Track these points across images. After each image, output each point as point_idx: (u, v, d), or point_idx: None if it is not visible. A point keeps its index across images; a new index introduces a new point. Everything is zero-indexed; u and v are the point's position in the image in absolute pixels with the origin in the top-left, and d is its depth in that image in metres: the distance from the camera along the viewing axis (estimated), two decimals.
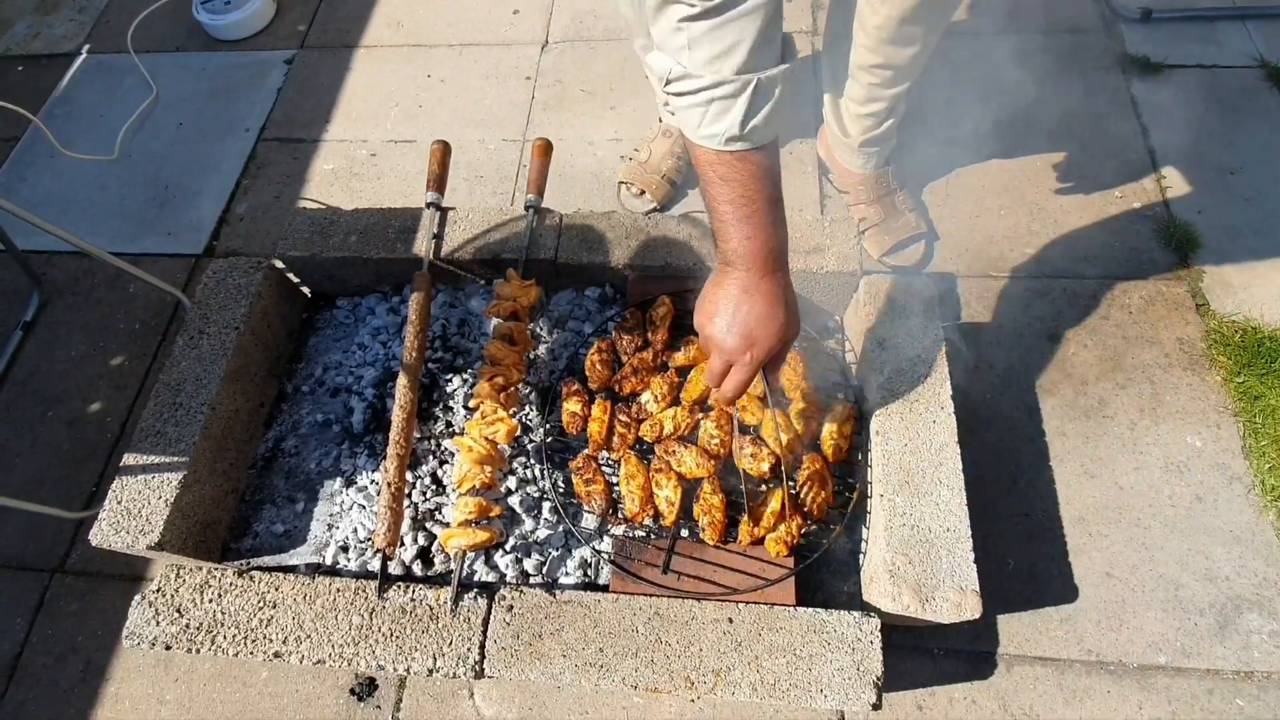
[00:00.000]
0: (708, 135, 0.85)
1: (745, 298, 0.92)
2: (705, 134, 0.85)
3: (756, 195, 0.87)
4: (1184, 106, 1.93)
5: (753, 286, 0.91)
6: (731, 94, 0.82)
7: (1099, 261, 1.72)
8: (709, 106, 0.83)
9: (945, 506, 1.13)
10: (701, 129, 0.85)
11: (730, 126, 0.83)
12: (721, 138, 0.84)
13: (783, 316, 0.93)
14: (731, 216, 0.89)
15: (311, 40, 2.39)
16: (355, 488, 1.34)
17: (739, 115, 0.83)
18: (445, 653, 1.10)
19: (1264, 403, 1.49)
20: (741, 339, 0.93)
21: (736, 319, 0.93)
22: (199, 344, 1.37)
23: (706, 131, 0.85)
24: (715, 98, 0.83)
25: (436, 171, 1.52)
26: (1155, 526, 1.41)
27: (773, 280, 0.92)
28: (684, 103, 0.86)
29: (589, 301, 1.52)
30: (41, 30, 2.52)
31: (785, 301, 0.93)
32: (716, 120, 0.84)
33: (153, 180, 2.10)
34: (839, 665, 1.06)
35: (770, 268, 0.91)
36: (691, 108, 0.85)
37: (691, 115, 0.85)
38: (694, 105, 0.84)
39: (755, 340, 0.93)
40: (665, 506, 1.21)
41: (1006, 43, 2.10)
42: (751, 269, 0.91)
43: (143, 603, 1.17)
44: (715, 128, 0.84)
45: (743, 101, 0.82)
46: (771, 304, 0.92)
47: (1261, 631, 1.30)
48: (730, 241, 0.90)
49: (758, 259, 0.90)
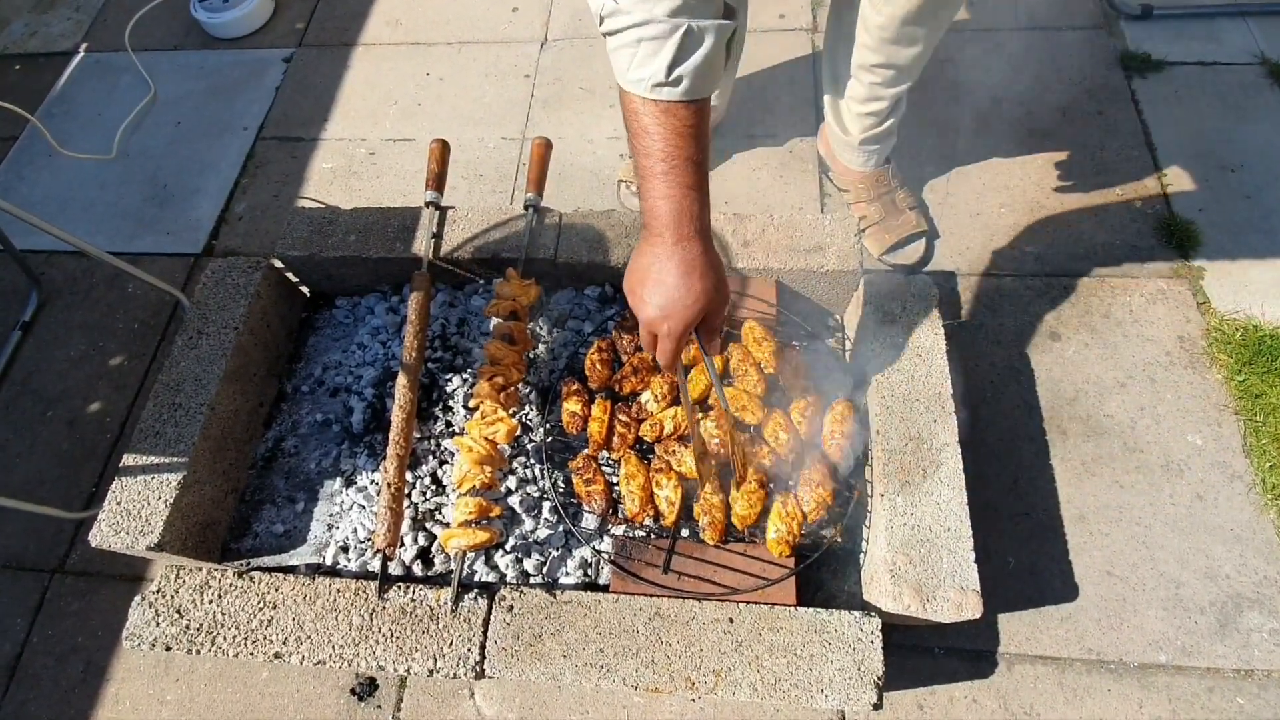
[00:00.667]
0: (634, 79, 0.84)
1: (658, 265, 0.89)
2: (632, 78, 0.84)
3: (677, 152, 0.85)
4: (1184, 104, 1.93)
5: (666, 254, 0.88)
6: (659, 35, 0.81)
7: (1100, 259, 1.72)
8: (637, 47, 0.83)
9: (946, 506, 1.13)
10: (629, 72, 0.84)
11: (656, 71, 0.82)
12: (648, 82, 0.83)
13: (698, 286, 0.88)
14: (650, 171, 0.86)
15: (310, 38, 2.38)
16: (355, 488, 1.34)
17: (666, 59, 0.82)
18: (446, 653, 1.10)
19: (1265, 401, 1.49)
20: (656, 309, 0.90)
21: (651, 289, 0.90)
22: (198, 344, 1.36)
23: (633, 75, 0.84)
24: (643, 38, 0.82)
25: (435, 170, 1.51)
26: (1156, 525, 1.41)
27: (686, 246, 0.88)
28: (615, 42, 0.85)
29: (589, 301, 1.52)
30: (39, 29, 2.51)
31: (700, 269, 0.89)
32: (644, 63, 0.83)
33: (151, 179, 2.10)
34: (840, 665, 1.06)
35: (685, 233, 0.87)
36: (621, 48, 0.84)
37: (621, 57, 0.85)
38: (623, 45, 0.84)
39: (670, 311, 0.90)
40: (665, 506, 1.20)
41: (1007, 40, 2.09)
42: (665, 234, 0.88)
43: (143, 604, 1.17)
44: (642, 71, 0.83)
45: (671, 45, 0.81)
46: (685, 272, 0.88)
47: (1262, 630, 1.30)
48: (648, 199, 0.88)
49: (672, 223, 0.87)
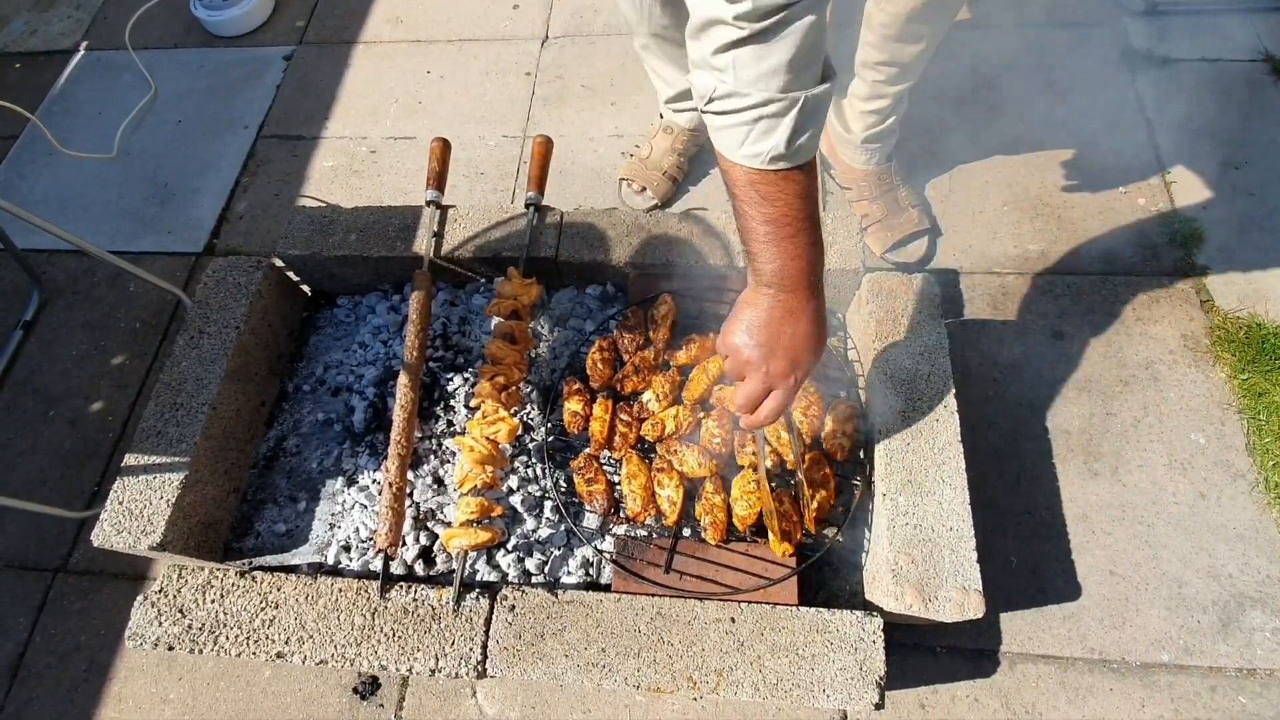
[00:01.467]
0: (751, 154, 0.82)
1: (790, 319, 0.90)
2: (748, 153, 0.82)
3: (799, 215, 0.85)
4: (1188, 101, 1.92)
5: (798, 308, 0.89)
6: (778, 113, 0.79)
7: (1103, 257, 1.71)
8: (754, 125, 0.81)
9: (948, 505, 1.12)
10: (744, 148, 0.82)
11: (776, 145, 0.81)
12: (766, 157, 0.82)
13: (823, 336, 0.92)
14: (773, 236, 0.86)
15: (310, 36, 2.37)
16: (357, 487, 1.34)
17: (785, 134, 0.80)
18: (448, 652, 1.10)
19: (1268, 399, 1.48)
20: (788, 363, 0.91)
21: (782, 341, 0.91)
22: (199, 343, 1.36)
23: (750, 150, 0.82)
24: (762, 116, 0.80)
25: (436, 169, 1.51)
26: (1158, 524, 1.40)
27: (816, 301, 0.90)
28: (726, 121, 0.82)
29: (590, 300, 1.52)
30: (39, 27, 2.51)
31: (823, 321, 0.92)
32: (762, 139, 0.81)
33: (152, 178, 2.10)
34: (841, 664, 1.05)
35: (816, 285, 0.90)
36: (735, 127, 0.82)
37: (734, 135, 0.82)
38: (738, 124, 0.81)
39: (800, 363, 0.92)
40: (667, 506, 1.20)
41: (1009, 37, 2.08)
42: (796, 290, 0.89)
43: (145, 603, 1.17)
44: (759, 146, 0.81)
45: (789, 120, 0.80)
46: (815, 325, 0.91)
47: (1264, 629, 1.30)
48: (771, 262, 0.88)
49: (801, 280, 0.88)
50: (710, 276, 1.42)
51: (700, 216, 1.46)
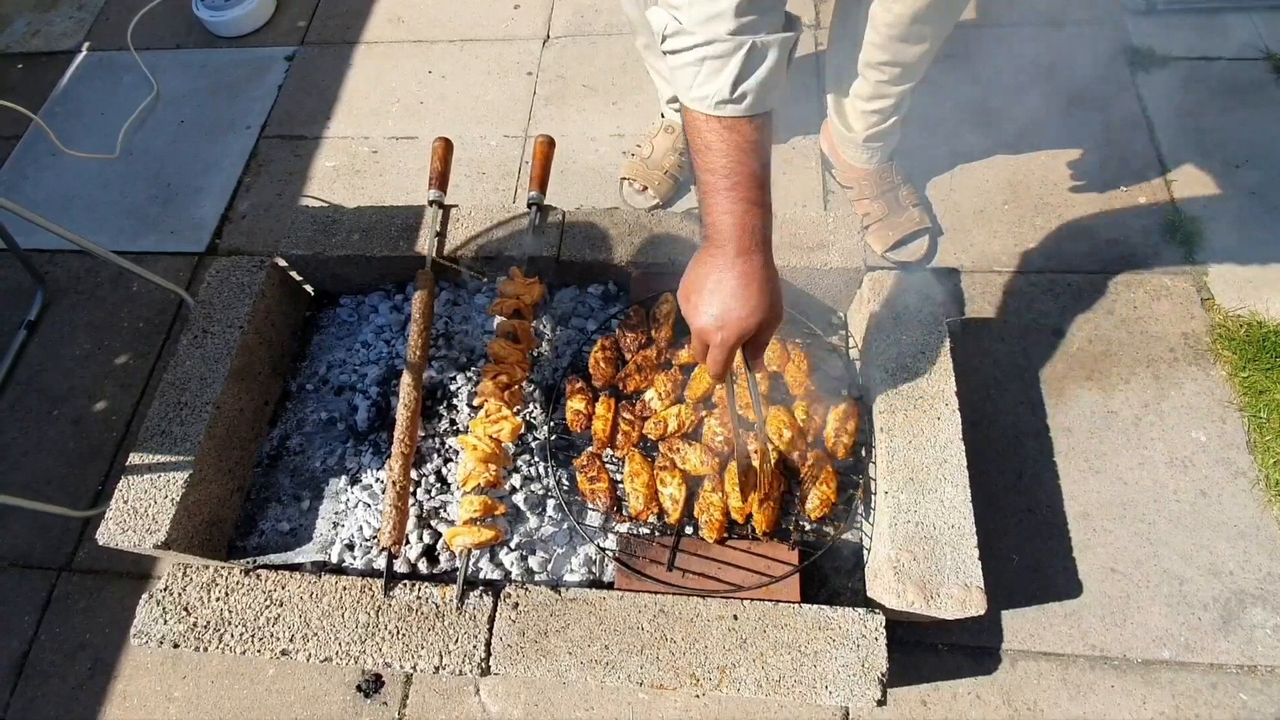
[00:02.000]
0: (698, 97, 0.84)
1: (718, 276, 0.89)
2: (696, 95, 0.84)
3: (741, 168, 0.85)
4: (1189, 99, 1.92)
5: (726, 265, 0.88)
6: (723, 54, 0.81)
7: (1103, 256, 1.71)
8: (701, 66, 0.83)
9: (950, 503, 1.13)
10: (693, 90, 0.84)
11: (720, 88, 0.82)
12: (711, 100, 0.83)
13: (755, 299, 0.89)
14: (713, 187, 0.87)
15: (312, 36, 2.38)
16: (360, 486, 1.35)
17: (730, 77, 0.82)
18: (451, 650, 1.11)
19: (1269, 397, 1.48)
20: (712, 319, 0.90)
21: (707, 298, 0.90)
22: (203, 343, 1.37)
23: (697, 93, 0.84)
24: (707, 56, 0.82)
25: (439, 168, 1.52)
26: (1159, 522, 1.41)
27: (748, 259, 0.88)
28: (678, 61, 0.85)
29: (592, 299, 1.52)
30: (41, 28, 2.51)
31: (760, 283, 0.89)
32: (708, 81, 0.83)
33: (154, 178, 2.10)
34: (844, 661, 1.06)
35: (746, 246, 0.88)
36: (685, 66, 0.84)
37: (684, 75, 0.85)
38: (687, 64, 0.84)
39: (725, 322, 0.90)
40: (670, 504, 1.21)
41: (1010, 36, 2.09)
42: (727, 246, 0.88)
43: (150, 601, 1.17)
44: (706, 89, 0.83)
45: (735, 62, 0.81)
46: (744, 284, 0.88)
47: (1265, 626, 1.30)
48: (710, 214, 0.88)
49: (734, 236, 0.87)
50: None
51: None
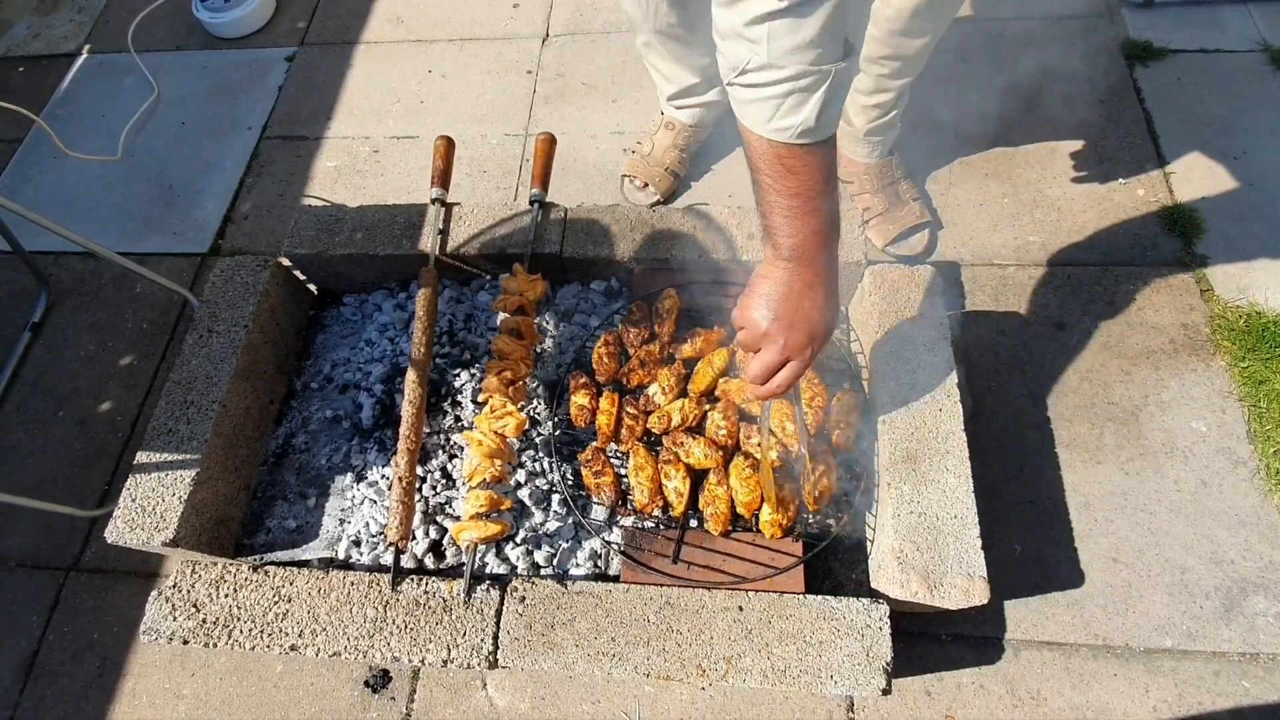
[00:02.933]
0: (780, 128, 0.83)
1: (809, 292, 0.90)
2: (777, 127, 0.83)
3: (820, 189, 0.86)
4: (1187, 91, 1.93)
5: (815, 281, 0.90)
6: (810, 87, 0.80)
7: (1103, 248, 1.72)
8: (785, 99, 0.81)
9: (952, 494, 1.14)
10: (773, 122, 0.83)
11: (806, 119, 0.81)
12: (796, 130, 0.82)
13: (836, 308, 0.93)
14: (794, 211, 0.87)
15: (312, 37, 2.38)
16: (366, 483, 1.35)
17: (815, 108, 0.81)
18: (459, 644, 1.12)
19: (1268, 387, 1.49)
20: (806, 335, 0.92)
21: (800, 314, 0.91)
22: (208, 342, 1.37)
23: (780, 124, 0.83)
24: (795, 90, 0.80)
25: (441, 167, 1.52)
26: (1161, 511, 1.41)
27: (831, 274, 0.91)
28: (756, 95, 0.83)
29: (595, 295, 1.53)
30: (41, 31, 2.52)
31: (837, 292, 0.94)
32: (792, 113, 0.81)
33: (157, 179, 2.11)
34: (848, 651, 1.07)
35: (830, 262, 0.91)
36: (766, 100, 0.82)
37: (763, 109, 0.83)
38: (770, 97, 0.82)
39: (816, 334, 0.92)
40: (674, 497, 1.22)
41: (1008, 29, 2.09)
42: (814, 263, 0.90)
43: (159, 599, 1.18)
44: (789, 120, 0.82)
45: (820, 94, 0.80)
46: (831, 297, 0.92)
47: (1267, 614, 1.31)
48: (792, 236, 0.88)
49: (819, 253, 0.89)
50: (714, 270, 1.43)
51: (703, 211, 1.47)
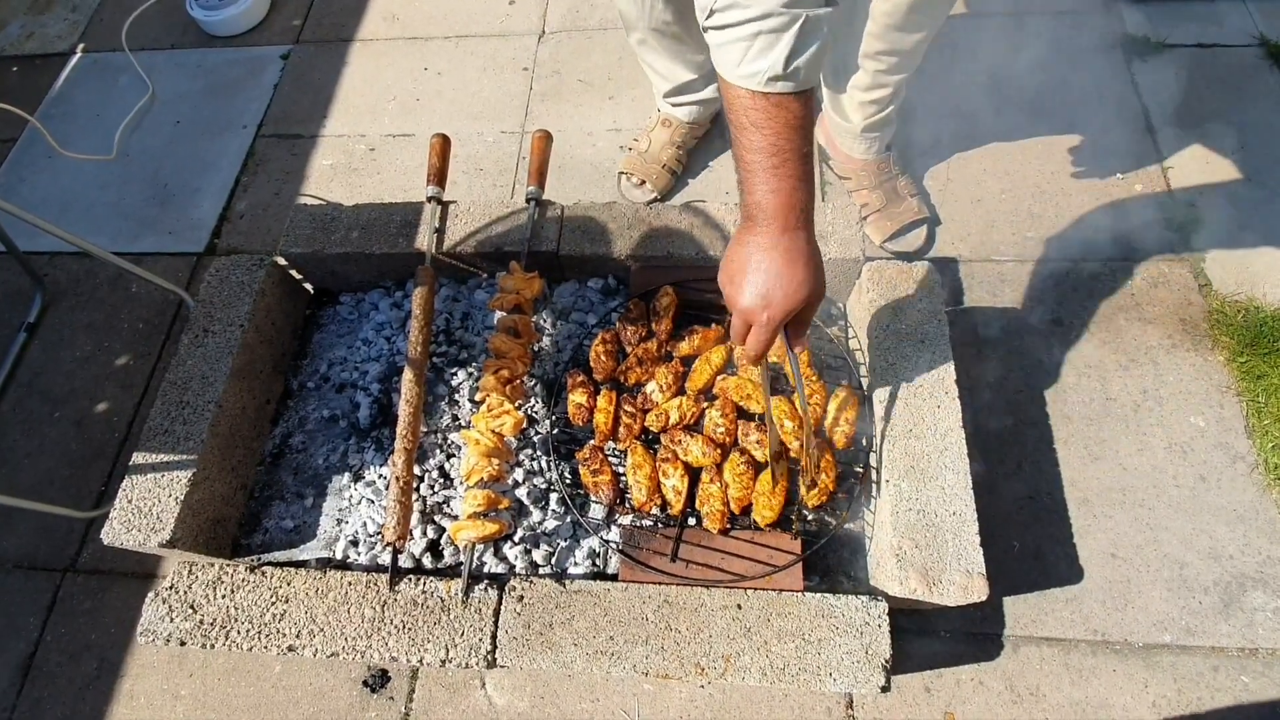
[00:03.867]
0: (748, 74, 0.81)
1: (763, 255, 0.88)
2: (746, 72, 0.82)
3: (787, 145, 0.84)
4: (1185, 86, 1.92)
5: (770, 244, 0.88)
6: (778, 28, 0.79)
7: (1100, 244, 1.72)
8: (754, 41, 0.80)
9: (951, 491, 1.13)
10: (742, 66, 0.81)
11: (774, 64, 0.80)
12: (763, 76, 0.81)
13: (800, 275, 0.88)
14: (758, 166, 0.85)
15: (306, 35, 2.37)
16: (363, 482, 1.35)
17: (784, 51, 0.79)
18: (458, 643, 1.11)
19: (1267, 382, 1.49)
20: (757, 298, 0.90)
21: (752, 277, 0.89)
22: (204, 342, 1.37)
23: (747, 69, 0.81)
24: (761, 31, 0.79)
25: (437, 165, 1.52)
26: (1159, 507, 1.41)
27: (792, 236, 0.88)
28: (726, 36, 0.82)
29: (592, 293, 1.52)
30: (35, 30, 2.51)
31: (805, 259, 0.89)
32: (760, 56, 0.80)
33: (152, 179, 2.10)
34: (847, 649, 1.07)
35: (791, 223, 0.87)
36: (734, 42, 0.81)
37: (733, 51, 0.82)
38: (737, 39, 0.80)
39: (771, 300, 0.89)
40: (672, 495, 1.21)
41: (1005, 25, 2.09)
42: (772, 225, 0.87)
43: (156, 600, 1.18)
44: (757, 65, 0.80)
45: (789, 37, 0.79)
46: (789, 261, 0.88)
47: (1266, 609, 1.31)
48: (753, 194, 0.87)
49: (779, 214, 0.86)
50: (711, 267, 1.42)
51: (700, 208, 1.47)
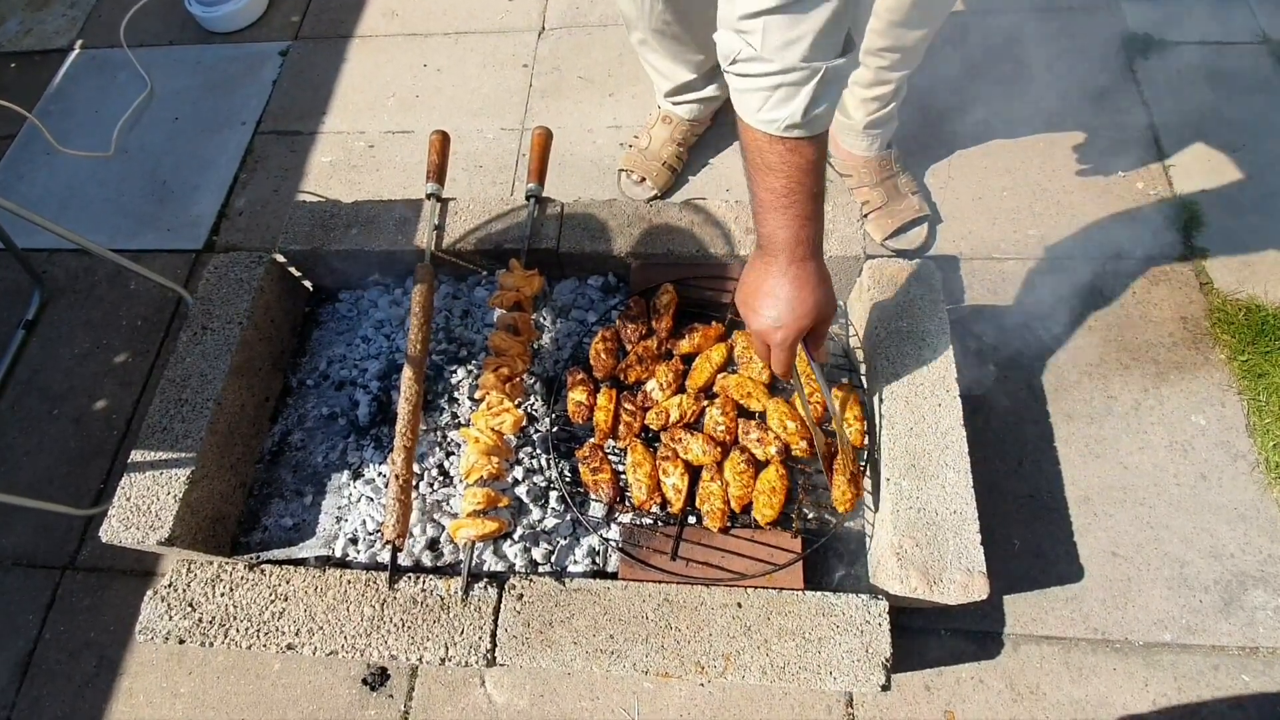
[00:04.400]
0: (767, 120, 0.85)
1: (774, 282, 0.96)
2: (765, 119, 0.85)
3: (799, 187, 0.89)
4: (1186, 84, 1.92)
5: (780, 272, 0.95)
6: (798, 81, 0.82)
7: (1102, 242, 1.71)
8: (774, 92, 0.83)
9: (951, 489, 1.13)
10: (762, 113, 0.85)
11: (793, 114, 0.84)
12: (782, 124, 0.85)
13: (810, 300, 0.96)
14: (770, 205, 0.91)
15: (305, 31, 2.37)
16: (363, 480, 1.35)
17: (803, 103, 0.83)
18: (457, 642, 1.11)
19: (1268, 380, 1.49)
20: (770, 322, 0.98)
21: (764, 302, 0.97)
22: (203, 339, 1.36)
23: (767, 116, 0.85)
24: (783, 84, 0.83)
25: (436, 162, 1.51)
26: (1160, 505, 1.41)
27: (800, 266, 0.94)
28: (748, 84, 0.85)
29: (592, 290, 1.52)
30: (33, 26, 2.50)
31: (813, 286, 0.96)
32: (780, 106, 0.84)
33: (150, 175, 2.09)
34: (848, 647, 1.06)
35: (799, 255, 0.94)
36: (755, 91, 0.85)
37: (753, 99, 0.85)
38: (759, 89, 0.84)
39: (783, 322, 0.97)
40: (672, 494, 1.21)
41: (1007, 21, 2.08)
42: (781, 256, 0.94)
43: (155, 597, 1.18)
44: (777, 113, 0.84)
45: (808, 90, 0.82)
46: (798, 288, 0.95)
47: (1266, 608, 1.31)
48: (765, 227, 0.94)
49: (788, 246, 0.93)
50: (712, 265, 1.42)
51: (700, 206, 1.46)
